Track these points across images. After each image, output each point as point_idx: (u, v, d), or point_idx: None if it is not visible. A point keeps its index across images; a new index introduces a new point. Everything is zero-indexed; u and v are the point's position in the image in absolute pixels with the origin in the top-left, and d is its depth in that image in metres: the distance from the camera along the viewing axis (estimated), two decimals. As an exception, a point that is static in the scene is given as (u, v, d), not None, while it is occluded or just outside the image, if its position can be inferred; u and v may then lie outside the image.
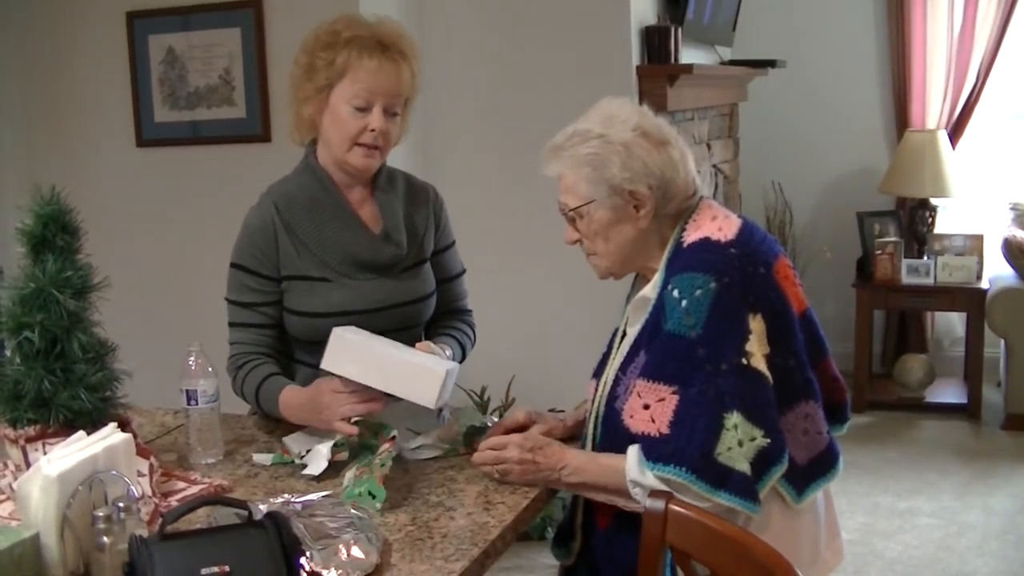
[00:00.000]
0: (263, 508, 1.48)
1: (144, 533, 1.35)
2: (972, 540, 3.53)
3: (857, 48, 5.31)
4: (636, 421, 1.64)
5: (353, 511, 1.54)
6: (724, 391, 1.58)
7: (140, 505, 1.48)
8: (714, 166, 4.44)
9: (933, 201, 4.98)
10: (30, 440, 1.64)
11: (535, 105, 3.56)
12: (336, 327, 1.83)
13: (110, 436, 1.53)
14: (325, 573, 1.39)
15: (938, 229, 5.01)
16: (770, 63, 4.76)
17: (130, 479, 1.50)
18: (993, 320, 4.58)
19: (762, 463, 1.59)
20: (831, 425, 1.79)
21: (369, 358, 1.80)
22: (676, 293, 1.64)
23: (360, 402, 1.81)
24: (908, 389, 4.91)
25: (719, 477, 1.56)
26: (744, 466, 1.57)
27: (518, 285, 3.68)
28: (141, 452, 1.67)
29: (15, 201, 3.81)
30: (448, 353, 2.02)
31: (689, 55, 3.95)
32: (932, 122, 5.14)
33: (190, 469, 1.86)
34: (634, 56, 3.53)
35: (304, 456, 1.84)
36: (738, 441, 1.57)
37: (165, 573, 1.24)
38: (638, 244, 1.75)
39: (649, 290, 1.73)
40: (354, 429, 1.81)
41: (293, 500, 1.59)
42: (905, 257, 4.91)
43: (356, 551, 1.43)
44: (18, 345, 1.63)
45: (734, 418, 1.57)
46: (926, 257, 4.92)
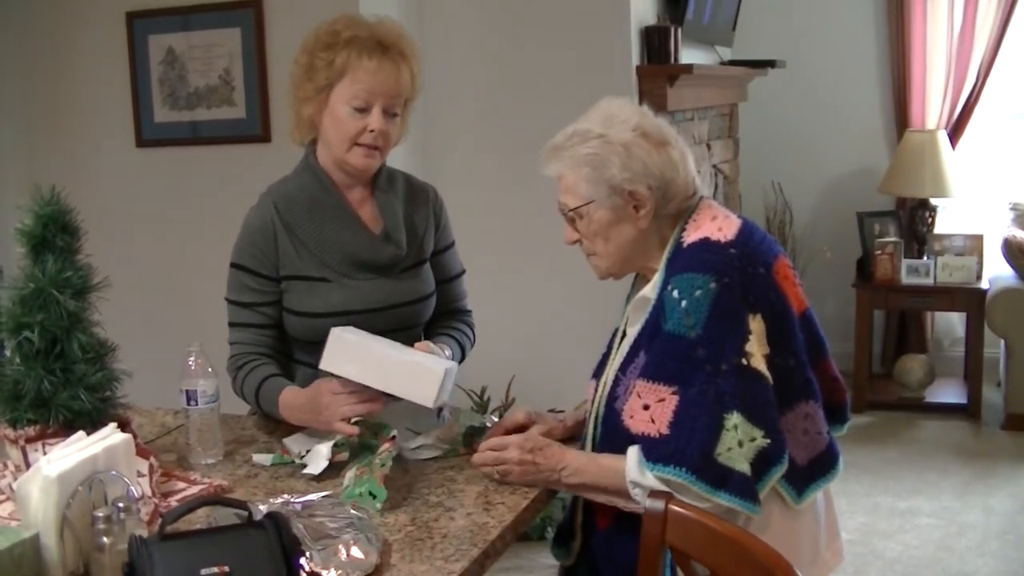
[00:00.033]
0: (263, 508, 1.48)
1: (144, 533, 1.35)
2: (972, 540, 3.53)
3: (857, 48, 5.31)
4: (636, 421, 1.64)
5: (353, 511, 1.54)
6: (724, 391, 1.58)
7: (140, 505, 1.48)
8: (714, 166, 4.44)
9: (933, 201, 4.98)
10: (30, 440, 1.64)
11: (535, 105, 3.56)
12: (335, 327, 1.84)
13: (110, 436, 1.53)
14: (325, 573, 1.39)
15: (938, 229, 5.01)
16: (770, 63, 4.76)
17: (130, 479, 1.50)
18: (993, 320, 4.58)
19: (762, 463, 1.59)
20: (831, 425, 1.79)
21: (368, 358, 1.80)
22: (676, 293, 1.64)
23: (359, 402, 1.81)
24: (908, 389, 4.90)
25: (719, 477, 1.56)
26: (744, 466, 1.57)
27: (518, 285, 3.68)
28: (141, 452, 1.67)
29: (15, 201, 3.81)
30: (447, 353, 2.01)
31: (689, 55, 3.95)
32: (932, 122, 5.14)
33: (190, 469, 1.86)
34: (634, 56, 3.53)
35: (304, 456, 1.84)
36: (738, 441, 1.57)
37: (165, 573, 1.24)
38: (638, 244, 1.75)
39: (649, 290, 1.73)
40: (354, 429, 1.81)
41: (293, 500, 1.59)
42: (905, 257, 4.91)
43: (356, 551, 1.43)
44: (18, 345, 1.63)
45: (734, 418, 1.57)
46: (926, 257, 4.92)
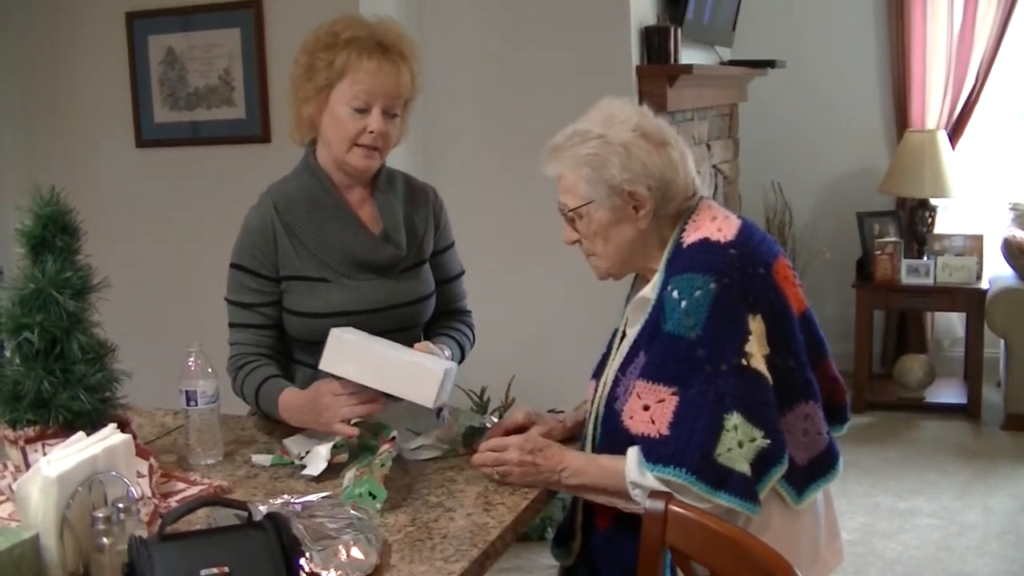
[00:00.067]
0: (263, 509, 1.48)
1: (144, 534, 1.35)
2: (972, 540, 3.53)
3: (857, 48, 5.31)
4: (636, 422, 1.64)
5: (353, 512, 1.54)
6: (724, 392, 1.58)
7: (140, 506, 1.48)
8: (714, 166, 4.44)
9: (933, 201, 4.98)
10: (29, 441, 1.64)
11: (535, 105, 3.56)
12: (334, 328, 1.83)
13: (110, 437, 1.53)
14: (324, 574, 1.39)
15: (938, 229, 5.01)
16: (770, 63, 4.76)
17: (130, 480, 1.50)
18: (993, 320, 4.57)
19: (762, 464, 1.59)
20: (831, 425, 1.79)
21: (367, 358, 1.80)
22: (676, 294, 1.64)
23: (359, 404, 1.81)
24: (908, 389, 4.90)
25: (719, 478, 1.56)
26: (744, 467, 1.57)
27: (518, 285, 3.68)
28: (141, 453, 1.67)
29: (15, 201, 3.81)
30: (447, 353, 2.01)
31: (689, 55, 3.95)
32: (932, 122, 5.13)
33: (190, 470, 1.86)
34: (634, 56, 3.52)
35: (303, 457, 1.84)
36: (738, 442, 1.57)
37: (164, 574, 1.24)
38: (637, 245, 1.75)
39: (649, 291, 1.73)
40: (354, 431, 1.80)
41: (293, 501, 1.59)
42: (905, 257, 4.91)
43: (356, 552, 1.43)
44: (18, 346, 1.63)
45: (734, 419, 1.57)
46: (926, 257, 4.92)
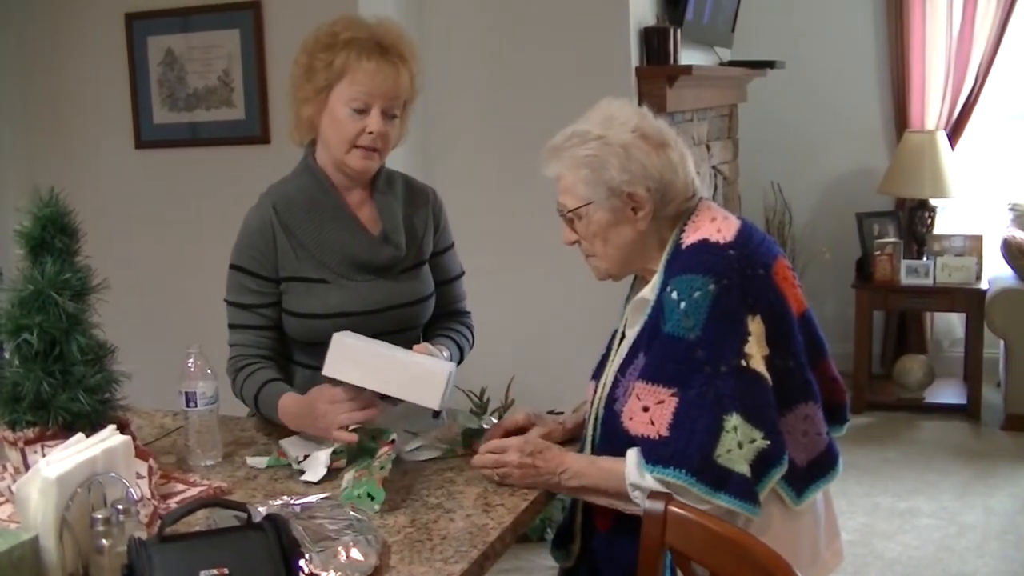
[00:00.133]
0: (262, 510, 1.48)
1: (143, 535, 1.35)
2: (972, 540, 3.53)
3: (856, 49, 5.31)
4: (635, 423, 1.64)
5: (352, 513, 1.54)
6: (723, 393, 1.58)
7: (139, 507, 1.48)
8: (713, 167, 4.44)
9: (932, 202, 4.98)
10: (29, 442, 1.64)
11: (535, 105, 3.56)
12: (336, 332, 1.83)
13: (109, 438, 1.53)
14: (324, 575, 1.39)
15: (937, 230, 5.01)
16: (769, 64, 4.76)
17: (129, 481, 1.50)
18: (992, 321, 4.57)
19: (762, 465, 1.59)
20: (831, 426, 1.79)
21: (371, 362, 1.80)
22: (675, 295, 1.64)
23: (356, 410, 1.80)
24: (908, 390, 4.90)
25: (719, 479, 1.56)
26: (744, 468, 1.57)
27: (518, 285, 3.68)
28: (140, 454, 1.67)
29: (15, 202, 3.81)
30: (445, 354, 2.01)
31: (688, 56, 3.95)
32: (931, 123, 5.14)
33: (189, 471, 1.86)
34: (633, 57, 3.52)
35: (302, 462, 1.84)
36: (738, 443, 1.57)
37: (164, 575, 1.24)
38: (637, 246, 1.75)
39: (648, 292, 1.73)
40: (353, 437, 1.79)
41: (292, 502, 1.59)
42: (904, 258, 4.91)
43: (355, 553, 1.43)
44: (17, 347, 1.63)
45: (734, 420, 1.57)
46: (925, 258, 4.92)
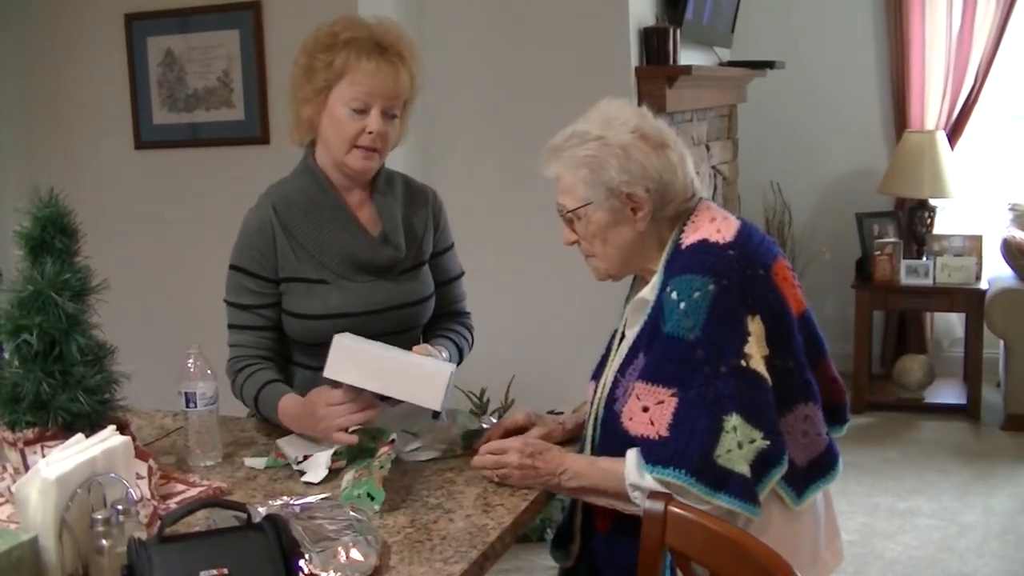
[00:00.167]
0: (262, 511, 1.48)
1: (143, 536, 1.35)
2: (972, 540, 3.53)
3: (856, 49, 5.31)
4: (635, 423, 1.64)
5: (352, 513, 1.54)
6: (723, 393, 1.58)
7: (139, 508, 1.48)
8: (713, 167, 4.44)
9: (932, 202, 4.98)
10: (29, 443, 1.64)
11: (535, 105, 3.56)
12: (336, 334, 1.83)
13: (109, 439, 1.53)
14: (324, 575, 1.39)
15: (937, 230, 5.02)
16: (769, 64, 4.76)
17: (129, 482, 1.50)
18: (992, 321, 4.57)
19: (762, 465, 1.59)
20: (831, 426, 1.79)
21: (372, 363, 1.80)
22: (675, 295, 1.64)
23: (356, 411, 1.80)
24: (907, 390, 4.90)
25: (719, 479, 1.56)
26: (744, 468, 1.57)
27: (518, 285, 3.68)
28: (140, 454, 1.67)
29: (14, 202, 3.81)
30: (444, 355, 2.01)
31: (688, 56, 3.95)
32: (931, 123, 5.14)
33: (189, 471, 1.86)
34: (633, 57, 3.53)
35: (302, 463, 1.84)
36: (737, 443, 1.57)
37: (164, 575, 1.24)
38: (636, 246, 1.75)
39: (647, 292, 1.73)
40: (352, 439, 1.79)
41: (292, 502, 1.59)
42: (904, 258, 4.91)
43: (355, 553, 1.43)
44: (16, 348, 1.63)
45: (733, 420, 1.57)
46: (925, 258, 4.92)
